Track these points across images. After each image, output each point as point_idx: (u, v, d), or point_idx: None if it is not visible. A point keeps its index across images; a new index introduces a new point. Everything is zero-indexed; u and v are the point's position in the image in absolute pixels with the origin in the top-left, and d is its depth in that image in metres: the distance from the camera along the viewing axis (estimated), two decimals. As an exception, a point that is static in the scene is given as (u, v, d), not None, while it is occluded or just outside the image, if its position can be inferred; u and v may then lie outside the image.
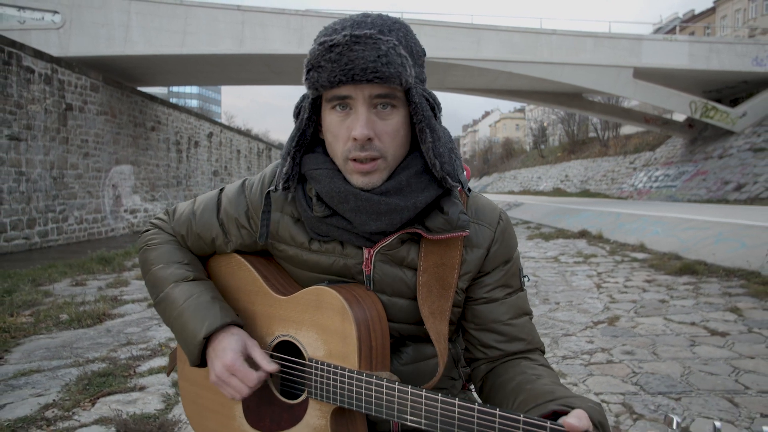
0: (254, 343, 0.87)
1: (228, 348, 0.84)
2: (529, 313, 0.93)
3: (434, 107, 0.83)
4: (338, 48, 0.74)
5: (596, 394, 2.54)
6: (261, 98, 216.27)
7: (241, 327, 0.90)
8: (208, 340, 0.87)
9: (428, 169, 0.83)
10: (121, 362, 3.20)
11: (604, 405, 2.41)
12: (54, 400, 2.60)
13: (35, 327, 4.10)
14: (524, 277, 0.95)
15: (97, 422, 2.38)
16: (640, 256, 7.02)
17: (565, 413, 0.67)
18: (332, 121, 0.80)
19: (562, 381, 2.53)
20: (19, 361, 3.33)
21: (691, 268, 5.62)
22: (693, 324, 3.74)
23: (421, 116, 0.80)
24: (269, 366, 0.84)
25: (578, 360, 3.04)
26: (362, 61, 0.74)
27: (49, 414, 2.48)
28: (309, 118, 0.84)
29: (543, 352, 0.94)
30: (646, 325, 3.76)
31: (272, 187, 0.89)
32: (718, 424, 0.57)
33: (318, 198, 0.84)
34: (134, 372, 3.06)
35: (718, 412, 2.29)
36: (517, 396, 0.78)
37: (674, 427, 0.59)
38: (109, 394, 2.72)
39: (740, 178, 15.89)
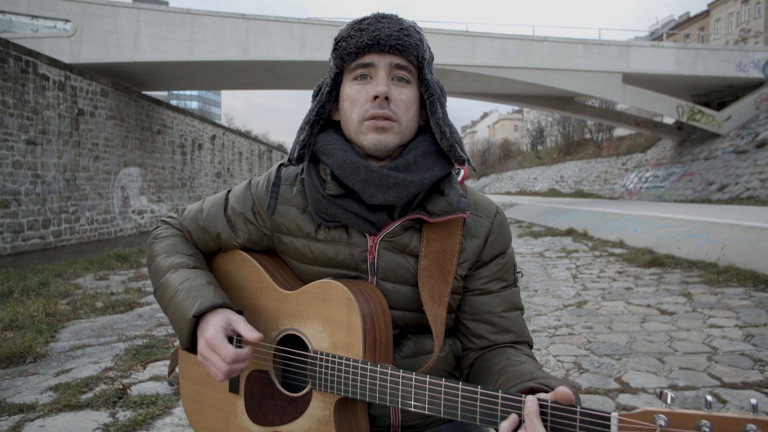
0: (239, 317, 0.87)
1: (210, 324, 0.84)
2: (521, 309, 0.99)
3: (442, 90, 0.92)
4: (367, 20, 0.87)
5: (554, 356, 3.13)
6: (258, 99, 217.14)
7: (233, 310, 0.90)
8: (198, 321, 0.86)
9: (434, 151, 0.89)
10: (160, 338, 3.77)
11: (559, 363, 3.00)
12: (115, 363, 3.18)
13: (75, 313, 4.66)
14: (518, 272, 1.00)
15: (151, 379, 2.96)
16: (618, 251, 7.63)
17: (541, 390, 0.73)
18: (352, 90, 0.87)
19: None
20: (70, 339, 3.90)
21: (660, 261, 6.24)
22: (648, 306, 4.34)
23: (432, 91, 0.89)
24: (251, 334, 0.83)
25: (545, 333, 3.64)
26: (387, 30, 0.85)
27: (110, 374, 3.05)
28: (330, 92, 0.90)
29: (531, 347, 0.98)
30: (609, 307, 4.36)
31: (285, 161, 0.94)
32: (753, 401, 0.59)
33: (332, 177, 0.88)
34: (173, 345, 3.63)
35: (647, 366, 2.89)
36: (499, 377, 0.83)
37: (668, 402, 0.60)
38: (156, 360, 3.29)
39: (723, 179, 16.54)
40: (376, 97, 0.84)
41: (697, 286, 5.04)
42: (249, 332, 0.84)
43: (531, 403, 0.65)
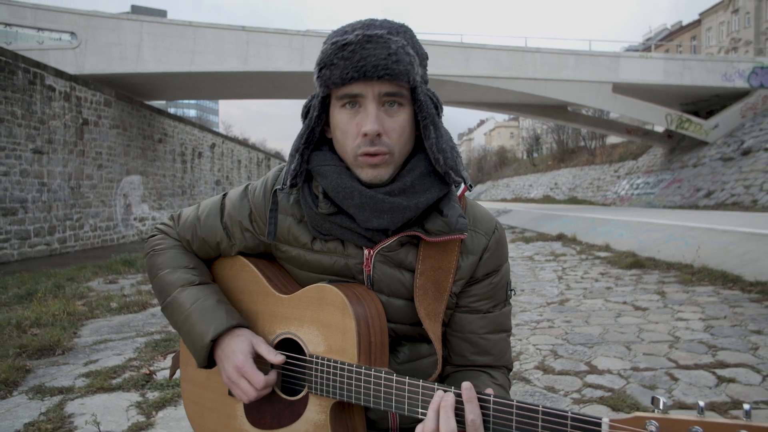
0: (259, 339, 0.92)
1: (237, 350, 0.88)
2: (507, 330, 0.97)
3: (437, 106, 0.87)
4: (351, 46, 0.77)
5: (534, 345, 3.49)
6: (253, 107, 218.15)
7: (247, 328, 0.94)
8: (215, 342, 0.91)
9: (432, 171, 0.86)
10: (175, 333, 4.11)
11: (537, 351, 3.36)
12: (138, 355, 3.52)
13: (92, 312, 4.99)
14: (511, 290, 0.98)
15: (172, 367, 3.29)
16: (603, 254, 8.01)
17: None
18: (342, 119, 0.83)
19: (511, 340, 3.42)
20: (92, 335, 4.22)
21: (641, 263, 6.63)
22: (624, 303, 4.72)
23: (426, 114, 0.84)
24: (275, 358, 0.88)
25: (527, 326, 4.00)
26: (373, 59, 0.77)
27: (134, 363, 3.38)
28: (318, 116, 0.86)
29: (509, 370, 0.98)
30: (588, 304, 4.73)
31: (279, 186, 0.91)
32: (746, 406, 0.57)
33: (325, 195, 0.87)
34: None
35: (615, 352, 3.25)
36: None
37: (660, 407, 0.60)
38: (176, 351, 3.63)
39: (710, 186, 17.04)
40: (366, 134, 0.81)
41: (672, 285, 5.42)
42: (273, 356, 0.89)
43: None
